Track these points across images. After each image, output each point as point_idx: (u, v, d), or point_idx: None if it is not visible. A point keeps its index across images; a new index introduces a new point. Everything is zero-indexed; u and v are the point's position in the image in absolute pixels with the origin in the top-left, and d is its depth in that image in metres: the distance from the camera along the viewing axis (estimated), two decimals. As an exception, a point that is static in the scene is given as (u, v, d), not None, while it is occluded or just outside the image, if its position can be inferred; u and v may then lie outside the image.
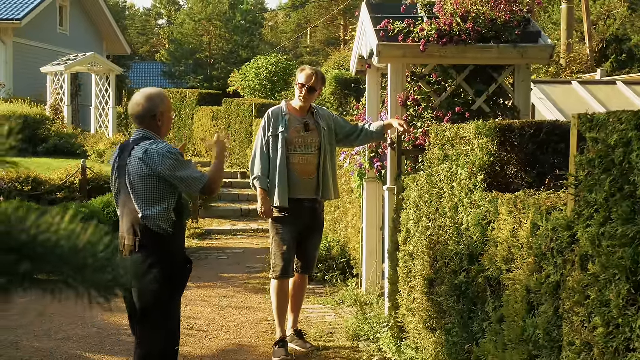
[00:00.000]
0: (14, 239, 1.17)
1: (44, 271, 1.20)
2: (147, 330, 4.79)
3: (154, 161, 4.60)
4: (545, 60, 7.26)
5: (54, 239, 1.20)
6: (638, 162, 2.67)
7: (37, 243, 1.19)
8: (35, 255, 1.18)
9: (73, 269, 1.20)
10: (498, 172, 4.52)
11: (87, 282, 1.24)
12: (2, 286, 1.17)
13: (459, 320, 4.60)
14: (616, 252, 2.77)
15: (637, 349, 2.63)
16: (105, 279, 1.26)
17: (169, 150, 4.71)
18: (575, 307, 3.08)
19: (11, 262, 1.16)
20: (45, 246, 1.19)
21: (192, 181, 4.68)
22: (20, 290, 1.22)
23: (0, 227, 1.17)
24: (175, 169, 4.64)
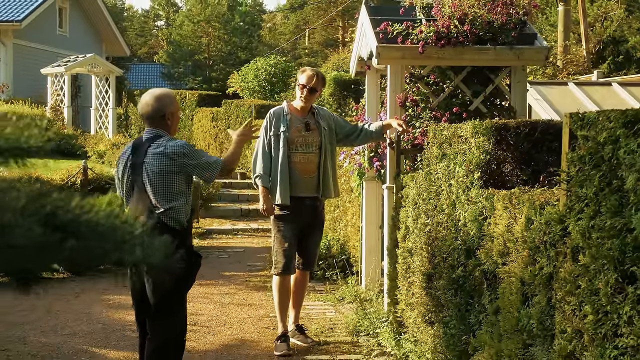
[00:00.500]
0: (59, 218, 1.32)
1: (87, 247, 1.35)
2: (161, 323, 4.93)
3: (177, 154, 4.83)
4: (541, 61, 7.42)
5: (95, 218, 1.35)
6: (625, 158, 2.82)
7: (80, 222, 1.34)
8: (79, 233, 1.33)
9: (113, 245, 1.34)
10: (494, 169, 4.67)
11: (126, 258, 1.38)
12: (50, 262, 1.32)
13: (457, 312, 4.75)
14: (605, 244, 2.92)
15: (624, 334, 2.79)
16: (140, 255, 1.41)
17: (183, 144, 4.96)
18: (567, 297, 3.23)
19: (57, 239, 1.31)
20: (87, 225, 1.33)
21: (212, 164, 4.95)
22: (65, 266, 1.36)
23: (47, 207, 1.32)
24: (197, 157, 4.92)
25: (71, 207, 1.35)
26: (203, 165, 4.93)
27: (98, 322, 7.43)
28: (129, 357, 6.28)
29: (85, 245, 1.33)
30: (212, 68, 48.02)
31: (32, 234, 1.26)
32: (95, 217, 1.36)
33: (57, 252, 1.31)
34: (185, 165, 4.86)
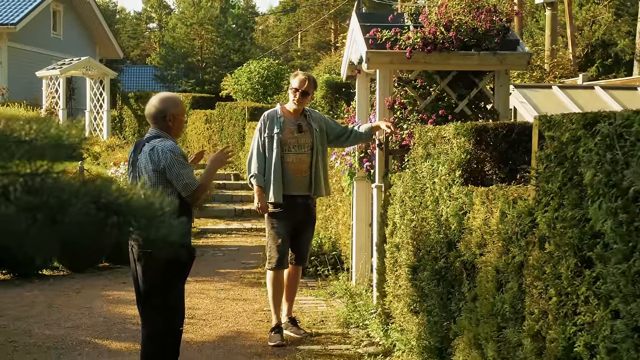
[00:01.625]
0: (103, 199, 1.65)
1: (125, 222, 1.68)
2: (153, 312, 5.27)
3: (158, 155, 5.10)
4: (523, 66, 7.78)
5: (131, 198, 1.69)
6: (584, 155, 3.16)
7: (119, 203, 1.67)
8: (119, 211, 1.66)
9: (147, 219, 1.68)
10: (474, 168, 5.01)
11: (153, 233, 1.72)
12: (97, 235, 1.65)
13: (439, 301, 5.09)
14: (567, 233, 3.26)
15: (582, 312, 3.13)
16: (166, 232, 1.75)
17: (173, 148, 5.19)
18: (535, 282, 3.57)
19: (103, 216, 1.64)
20: (125, 204, 1.67)
21: (185, 182, 5.12)
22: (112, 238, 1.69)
23: (94, 191, 1.66)
24: (173, 165, 5.11)
25: (112, 191, 1.68)
26: (179, 179, 5.11)
27: (99, 316, 7.75)
28: (130, 347, 6.60)
29: (124, 220, 1.66)
30: (205, 70, 48.33)
31: (84, 211, 1.59)
32: (131, 199, 1.70)
33: (102, 226, 1.64)
34: (165, 169, 5.13)
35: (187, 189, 5.13)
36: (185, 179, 5.13)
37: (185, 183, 5.13)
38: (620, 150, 2.89)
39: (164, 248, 1.98)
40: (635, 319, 2.73)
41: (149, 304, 5.29)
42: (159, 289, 5.23)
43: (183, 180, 5.12)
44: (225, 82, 24.81)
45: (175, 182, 5.13)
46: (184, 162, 5.19)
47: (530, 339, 3.59)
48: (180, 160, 5.16)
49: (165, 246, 1.92)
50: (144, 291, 5.27)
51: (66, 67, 23.38)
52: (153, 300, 5.26)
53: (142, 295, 5.31)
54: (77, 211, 1.59)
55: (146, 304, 5.31)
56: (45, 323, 7.44)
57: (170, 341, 5.35)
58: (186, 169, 5.17)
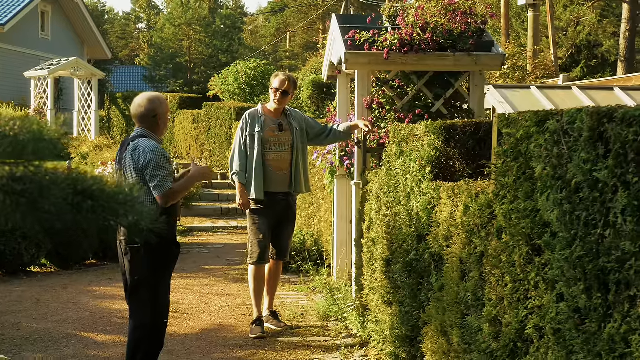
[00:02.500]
0: (80, 185, 1.87)
1: (99, 206, 1.89)
2: (138, 304, 5.49)
3: (139, 154, 5.31)
4: (497, 67, 8.01)
5: (105, 185, 1.90)
6: (535, 150, 3.39)
7: (94, 189, 1.88)
8: (93, 196, 1.88)
9: (118, 204, 1.89)
10: (443, 164, 5.24)
11: (125, 217, 1.94)
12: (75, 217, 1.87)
13: (410, 292, 5.32)
14: (520, 223, 3.49)
15: (532, 297, 3.35)
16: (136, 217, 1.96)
17: (154, 148, 5.38)
18: (493, 270, 3.80)
19: (79, 200, 1.86)
20: (99, 190, 1.88)
21: (156, 183, 5.29)
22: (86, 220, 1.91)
23: (71, 178, 1.87)
24: (149, 165, 5.30)
25: (87, 179, 1.90)
26: (153, 179, 5.28)
27: (85, 310, 7.96)
28: (115, 339, 6.80)
29: (98, 204, 1.88)
30: (193, 71, 48.52)
31: (62, 196, 1.80)
32: (105, 185, 1.91)
33: (79, 210, 1.85)
34: (144, 167, 5.33)
35: (157, 190, 5.29)
36: (157, 181, 5.29)
37: (157, 185, 5.28)
38: (566, 145, 3.12)
39: (137, 233, 2.19)
40: (576, 301, 2.96)
41: (135, 296, 5.51)
42: (145, 282, 5.44)
43: (156, 181, 5.28)
44: (213, 83, 25.02)
45: (149, 182, 5.30)
46: (163, 164, 5.34)
47: (489, 324, 3.81)
48: (159, 162, 5.32)
49: (137, 231, 2.13)
50: (130, 284, 5.48)
51: (54, 68, 23.56)
52: (139, 293, 5.47)
53: (128, 288, 5.53)
54: (56, 196, 1.80)
55: (133, 296, 5.52)
56: (33, 317, 7.64)
57: (155, 333, 5.56)
58: (162, 171, 5.31)
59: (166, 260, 5.48)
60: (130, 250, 5.35)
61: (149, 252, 5.30)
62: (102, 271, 10.28)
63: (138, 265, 5.36)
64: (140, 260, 5.34)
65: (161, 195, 5.29)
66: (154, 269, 5.38)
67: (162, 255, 5.39)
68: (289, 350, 6.58)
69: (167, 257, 5.47)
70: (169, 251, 5.48)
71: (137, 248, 5.30)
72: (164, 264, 5.47)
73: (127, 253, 5.39)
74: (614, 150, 2.74)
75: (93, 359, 6.29)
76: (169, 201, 5.37)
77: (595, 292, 2.85)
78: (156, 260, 5.36)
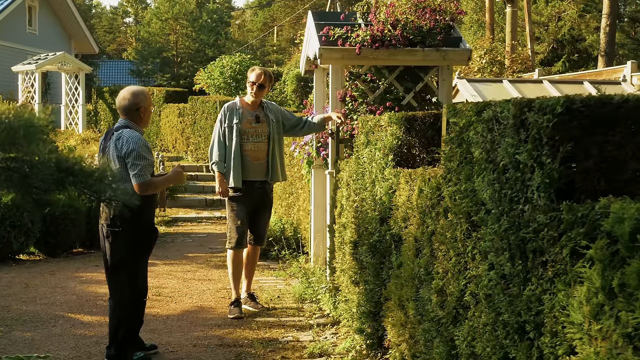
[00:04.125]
0: (63, 163, 2.26)
1: (79, 182, 2.29)
2: (118, 285, 5.90)
3: (122, 144, 5.71)
4: (464, 62, 8.39)
5: (84, 165, 2.29)
6: (474, 137, 3.79)
7: (75, 167, 2.28)
8: (75, 173, 2.27)
9: (95, 181, 2.28)
10: (405, 152, 5.64)
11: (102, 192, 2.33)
12: (59, 190, 2.26)
13: (373, 271, 5.72)
14: (462, 203, 3.89)
15: (470, 267, 3.76)
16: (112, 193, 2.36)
17: (137, 139, 5.79)
18: (440, 246, 4.20)
19: (62, 176, 2.25)
20: (79, 169, 2.27)
21: (135, 172, 5.68)
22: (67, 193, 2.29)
23: (56, 158, 2.26)
24: (130, 155, 5.70)
25: (70, 159, 2.29)
26: (132, 168, 5.67)
27: (72, 294, 8.34)
28: (100, 320, 7.19)
29: (79, 180, 2.27)
30: (180, 65, 48.78)
31: (49, 172, 2.19)
32: (85, 165, 2.30)
33: (62, 183, 2.24)
34: (125, 155, 5.72)
35: (136, 178, 5.68)
36: (137, 170, 5.69)
37: (136, 173, 5.68)
38: (497, 132, 3.52)
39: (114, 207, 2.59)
40: (503, 269, 3.37)
41: (115, 277, 5.91)
42: (124, 263, 5.84)
43: (136, 170, 5.68)
44: (199, 77, 25.35)
45: (130, 170, 5.70)
46: (144, 154, 5.73)
47: (436, 294, 4.22)
48: (140, 152, 5.72)
49: (113, 205, 2.52)
50: (110, 265, 5.88)
51: (42, 62, 23.86)
52: (119, 273, 5.87)
53: (109, 269, 5.93)
54: (43, 172, 2.19)
55: (113, 277, 5.92)
56: (23, 300, 8.02)
57: (134, 310, 5.97)
58: (141, 162, 5.71)
59: (144, 243, 5.89)
60: (111, 233, 5.75)
61: (128, 236, 5.72)
62: (89, 258, 10.65)
63: (118, 248, 5.76)
64: (120, 243, 5.74)
65: (139, 184, 5.67)
66: (132, 252, 5.79)
67: (141, 239, 5.82)
68: (264, 329, 6.99)
69: (145, 241, 5.88)
70: (147, 235, 5.89)
71: (117, 232, 5.71)
72: (142, 246, 5.88)
73: (108, 236, 5.78)
74: (532, 135, 3.15)
75: (79, 337, 6.67)
76: (146, 190, 5.75)
77: (517, 260, 3.25)
78: (135, 243, 5.77)
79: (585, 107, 3.07)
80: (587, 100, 3.11)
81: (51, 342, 6.49)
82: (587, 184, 3.07)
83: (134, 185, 5.67)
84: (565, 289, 2.86)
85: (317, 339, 6.56)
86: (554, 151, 3.04)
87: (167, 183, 6.31)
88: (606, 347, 2.58)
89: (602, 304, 2.61)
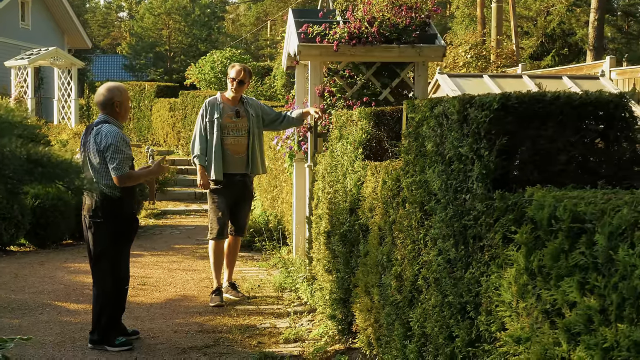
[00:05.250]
0: (32, 155, 2.52)
1: (48, 172, 2.54)
2: (100, 273, 6.17)
3: (101, 138, 5.98)
4: (439, 58, 8.65)
5: (52, 156, 2.55)
6: (427, 132, 4.05)
7: (43, 158, 2.53)
8: (43, 164, 2.53)
9: (62, 171, 2.54)
10: (374, 146, 5.91)
11: (70, 179, 2.59)
12: (29, 180, 2.52)
13: (344, 260, 5.99)
14: (417, 193, 4.16)
15: (423, 254, 4.03)
16: (79, 182, 2.62)
17: (115, 134, 6.07)
18: (399, 234, 4.47)
19: (32, 167, 2.51)
20: (48, 159, 2.53)
21: (113, 165, 5.97)
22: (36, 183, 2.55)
23: (26, 150, 2.52)
24: (108, 149, 5.99)
25: (39, 151, 2.55)
26: (111, 161, 5.96)
27: (60, 283, 8.60)
28: (86, 308, 7.44)
29: (47, 170, 2.53)
30: (173, 60, 48.90)
31: (19, 163, 2.45)
32: (52, 156, 2.56)
33: (32, 174, 2.50)
34: (104, 149, 6.00)
35: (115, 171, 5.97)
36: (116, 163, 5.97)
37: (115, 167, 5.97)
38: (446, 127, 3.79)
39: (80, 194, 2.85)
40: (449, 254, 3.63)
41: (98, 266, 6.18)
42: (105, 253, 6.11)
43: (114, 163, 5.97)
44: (190, 72, 25.57)
45: (109, 163, 5.98)
46: (122, 148, 6.02)
47: (395, 280, 4.49)
48: (118, 146, 6.00)
49: (81, 192, 2.79)
50: (93, 254, 6.15)
51: (34, 57, 24.07)
52: (101, 262, 6.14)
53: (92, 258, 6.20)
54: (14, 164, 2.45)
55: (96, 266, 6.19)
56: (12, 289, 8.27)
57: (117, 298, 6.24)
58: (120, 155, 5.99)
59: (125, 233, 6.16)
60: (93, 224, 6.02)
61: (109, 226, 5.99)
62: (78, 250, 10.90)
63: (100, 238, 6.03)
64: (101, 233, 6.02)
65: (117, 176, 5.95)
66: (114, 241, 6.06)
67: (122, 229, 6.09)
68: (243, 316, 7.26)
69: (126, 230, 6.16)
70: (128, 225, 6.16)
71: (98, 222, 5.98)
72: (123, 236, 6.14)
73: (90, 227, 6.05)
74: (472, 130, 3.41)
75: (65, 324, 6.94)
76: (125, 182, 6.02)
77: (460, 245, 3.52)
78: (116, 234, 6.05)
79: (520, 103, 3.34)
80: (522, 97, 3.38)
81: (37, 328, 6.75)
82: (521, 175, 3.34)
83: (113, 177, 5.93)
84: (498, 271, 3.12)
85: (293, 326, 6.83)
86: (491, 144, 3.30)
87: (148, 175, 6.58)
88: (529, 323, 2.85)
89: (527, 284, 2.87)
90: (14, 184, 2.53)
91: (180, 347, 6.29)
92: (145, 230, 12.81)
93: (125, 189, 6.04)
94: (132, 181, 6.14)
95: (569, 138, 3.35)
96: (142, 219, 13.52)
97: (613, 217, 2.39)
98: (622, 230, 2.34)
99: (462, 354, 3.48)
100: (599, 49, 29.15)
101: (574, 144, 3.37)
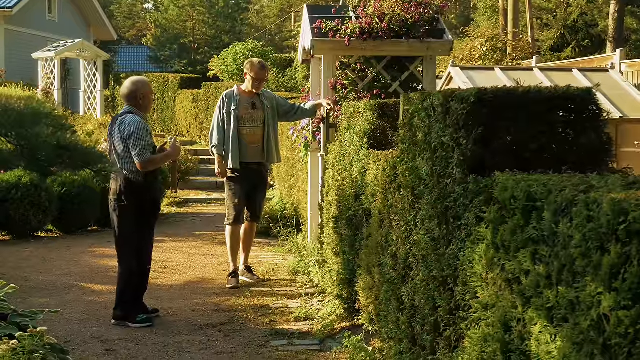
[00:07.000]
0: (61, 142, 2.94)
1: (75, 156, 2.97)
2: (125, 253, 6.64)
3: (124, 127, 6.44)
4: (447, 52, 9.04)
5: (79, 144, 2.98)
6: (418, 123, 4.44)
7: (71, 145, 2.96)
8: (71, 149, 2.95)
9: (86, 155, 2.96)
10: (378, 136, 6.30)
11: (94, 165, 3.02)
12: (58, 162, 2.94)
13: (349, 242, 6.40)
14: (409, 179, 4.55)
15: (413, 234, 4.42)
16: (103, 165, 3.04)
17: (138, 123, 6.53)
18: (395, 217, 4.87)
19: (62, 152, 2.93)
20: (75, 146, 2.96)
21: (136, 152, 6.43)
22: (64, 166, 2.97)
23: (55, 137, 2.95)
24: (131, 137, 6.46)
25: (68, 137, 2.98)
26: (134, 148, 6.42)
27: (86, 266, 9.09)
28: (110, 289, 7.89)
29: (74, 155, 2.95)
30: (197, 51, 49.42)
31: (51, 148, 2.88)
32: (80, 143, 2.99)
33: (61, 156, 2.92)
34: (127, 137, 6.46)
35: (137, 157, 6.44)
36: (138, 150, 6.44)
37: (137, 153, 6.45)
38: (433, 118, 4.18)
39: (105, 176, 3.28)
40: (434, 233, 4.03)
41: (122, 246, 6.64)
42: (129, 234, 6.57)
43: (137, 150, 6.44)
44: (213, 63, 26.02)
45: (131, 150, 6.43)
46: (143, 136, 6.49)
47: (391, 258, 4.90)
48: (140, 134, 6.47)
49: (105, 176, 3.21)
50: (118, 235, 6.61)
51: (61, 49, 24.61)
52: (125, 243, 6.60)
53: (117, 239, 6.66)
54: (46, 149, 2.88)
55: (119, 246, 6.65)
56: (40, 272, 8.76)
57: (140, 277, 6.71)
58: (142, 142, 6.47)
59: (148, 215, 6.61)
60: (118, 207, 6.48)
61: (133, 209, 6.44)
62: (103, 235, 11.38)
63: (124, 220, 6.49)
64: (125, 215, 6.47)
65: (140, 162, 6.40)
66: (137, 223, 6.51)
67: (145, 212, 6.53)
68: (258, 297, 7.69)
69: (148, 213, 6.60)
70: (150, 208, 6.62)
71: (123, 205, 6.43)
72: (146, 218, 6.60)
73: (115, 209, 6.52)
74: (452, 121, 3.80)
75: (90, 303, 7.41)
76: (147, 167, 6.48)
77: (443, 225, 3.91)
78: (139, 216, 6.49)
79: (494, 97, 3.73)
80: (497, 91, 3.78)
81: (64, 306, 7.21)
82: (496, 161, 3.73)
83: (137, 163, 6.39)
84: (472, 247, 3.51)
85: (304, 306, 7.25)
86: (469, 134, 3.68)
87: (167, 158, 7.04)
88: (494, 291, 3.25)
89: (494, 257, 3.26)
90: (45, 168, 2.95)
91: (197, 324, 6.73)
92: (168, 218, 13.28)
93: (148, 175, 6.49)
94: (154, 165, 6.60)
95: (539, 128, 3.72)
96: (165, 207, 13.98)
97: (557, 195, 2.78)
98: (563, 207, 2.72)
99: (444, 322, 3.89)
100: (619, 40, 29.32)
101: (544, 134, 3.75)
